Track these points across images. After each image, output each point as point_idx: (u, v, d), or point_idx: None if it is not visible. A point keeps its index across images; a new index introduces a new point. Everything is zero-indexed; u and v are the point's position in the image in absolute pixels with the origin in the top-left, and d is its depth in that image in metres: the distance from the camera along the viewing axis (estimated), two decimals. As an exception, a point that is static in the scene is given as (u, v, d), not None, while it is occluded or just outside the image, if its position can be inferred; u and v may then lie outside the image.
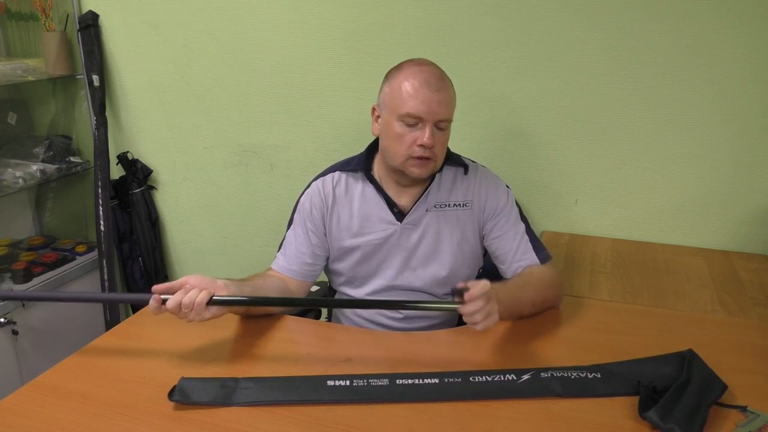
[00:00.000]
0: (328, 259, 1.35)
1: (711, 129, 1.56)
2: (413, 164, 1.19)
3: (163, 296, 1.01)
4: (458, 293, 0.99)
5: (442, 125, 1.18)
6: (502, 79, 1.66)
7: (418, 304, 1.09)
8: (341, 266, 1.34)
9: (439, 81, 1.18)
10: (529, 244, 1.27)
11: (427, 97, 1.15)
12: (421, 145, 1.16)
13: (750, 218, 1.61)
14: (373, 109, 1.26)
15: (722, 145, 1.56)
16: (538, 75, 1.63)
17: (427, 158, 1.18)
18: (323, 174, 1.33)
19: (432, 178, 1.28)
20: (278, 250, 1.33)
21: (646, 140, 1.61)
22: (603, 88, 1.59)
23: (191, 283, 1.03)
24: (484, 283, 0.99)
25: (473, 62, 1.66)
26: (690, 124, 1.57)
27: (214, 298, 1.03)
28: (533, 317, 1.20)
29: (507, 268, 1.28)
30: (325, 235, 1.31)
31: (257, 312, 1.20)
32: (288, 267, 1.29)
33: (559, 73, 1.61)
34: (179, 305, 1.00)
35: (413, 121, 1.17)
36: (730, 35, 1.47)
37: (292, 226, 1.33)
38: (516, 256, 1.26)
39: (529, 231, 1.29)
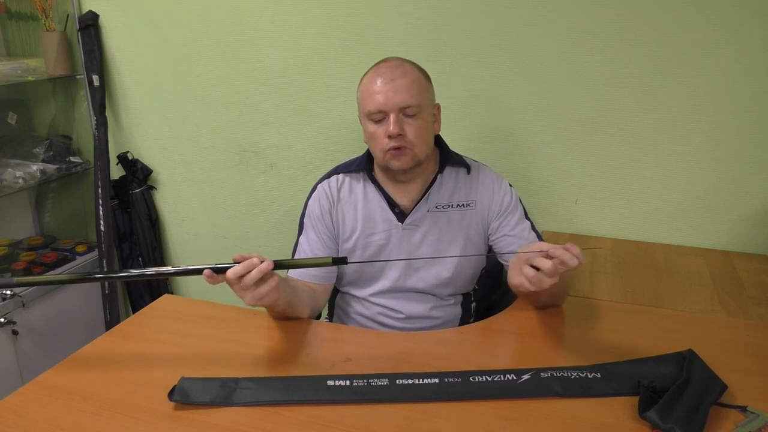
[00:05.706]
0: None
1: (711, 129, 1.56)
2: (391, 157, 1.19)
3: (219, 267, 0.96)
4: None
5: (409, 111, 1.17)
6: (502, 79, 1.66)
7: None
8: (346, 267, 1.33)
9: (395, 70, 1.18)
10: (537, 241, 1.26)
11: (383, 88, 1.16)
12: (389, 136, 1.17)
13: (750, 218, 1.61)
14: (360, 119, 1.27)
15: (722, 145, 1.56)
16: (538, 75, 1.63)
17: (401, 147, 1.18)
18: (327, 176, 1.33)
19: (433, 179, 1.28)
20: (292, 258, 1.32)
21: (646, 140, 1.61)
22: (603, 88, 1.59)
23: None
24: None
25: (473, 62, 1.66)
26: (690, 124, 1.57)
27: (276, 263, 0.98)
28: (533, 317, 1.20)
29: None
30: (335, 236, 1.31)
31: (292, 314, 1.18)
32: (309, 272, 1.28)
33: (559, 73, 1.61)
34: (238, 274, 0.96)
35: (379, 116, 1.18)
36: (730, 35, 1.47)
37: (303, 231, 1.32)
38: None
39: (534, 229, 1.29)
